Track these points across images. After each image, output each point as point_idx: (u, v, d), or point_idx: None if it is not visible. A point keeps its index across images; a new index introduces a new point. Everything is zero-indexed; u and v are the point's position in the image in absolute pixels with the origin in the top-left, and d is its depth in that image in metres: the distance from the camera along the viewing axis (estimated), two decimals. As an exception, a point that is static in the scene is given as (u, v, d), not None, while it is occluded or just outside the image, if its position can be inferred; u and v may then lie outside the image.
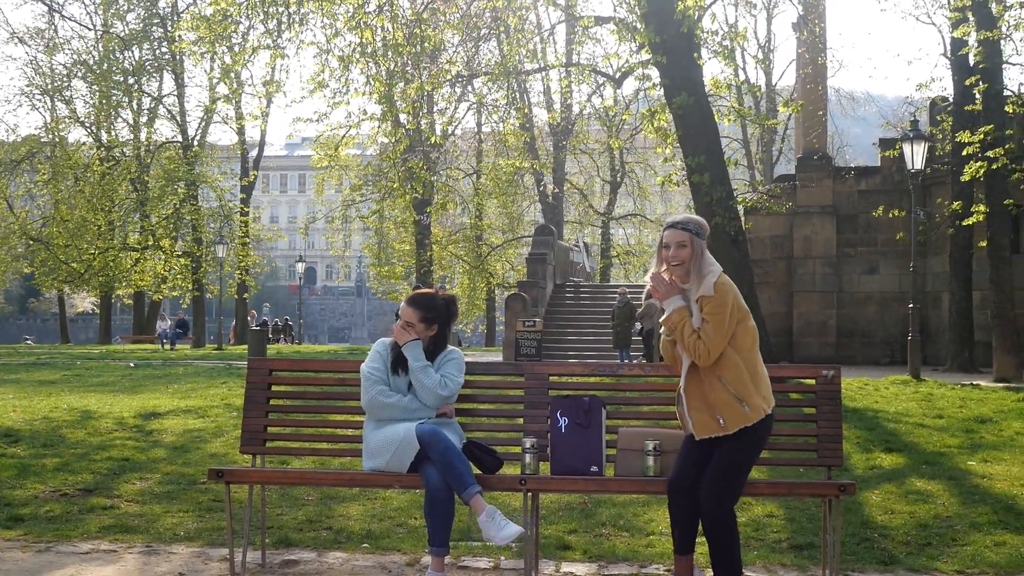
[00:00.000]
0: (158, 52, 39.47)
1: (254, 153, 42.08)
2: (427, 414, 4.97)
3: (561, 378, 5.68)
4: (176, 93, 40.31)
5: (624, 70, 17.89)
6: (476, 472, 4.86)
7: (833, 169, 25.72)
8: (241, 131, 40.05)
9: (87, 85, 39.87)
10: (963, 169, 17.61)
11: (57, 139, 40.03)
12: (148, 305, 43.85)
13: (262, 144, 42.97)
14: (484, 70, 22.40)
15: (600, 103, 27.79)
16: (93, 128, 40.54)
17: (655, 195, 45.75)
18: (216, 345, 35.04)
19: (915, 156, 18.11)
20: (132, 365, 20.23)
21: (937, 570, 5.32)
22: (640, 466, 4.86)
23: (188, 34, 21.65)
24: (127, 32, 39.45)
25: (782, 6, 44.44)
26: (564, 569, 5.29)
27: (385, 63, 18.01)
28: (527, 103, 37.16)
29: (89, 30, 41.83)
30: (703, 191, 14.57)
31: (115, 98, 38.80)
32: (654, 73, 15.33)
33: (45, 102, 41.45)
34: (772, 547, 5.73)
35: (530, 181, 41.40)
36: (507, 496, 6.37)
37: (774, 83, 43.91)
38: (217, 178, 40.34)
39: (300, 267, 51.45)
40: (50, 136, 40.13)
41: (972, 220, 18.51)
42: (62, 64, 40.37)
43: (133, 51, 39.66)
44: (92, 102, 39.97)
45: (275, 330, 44.10)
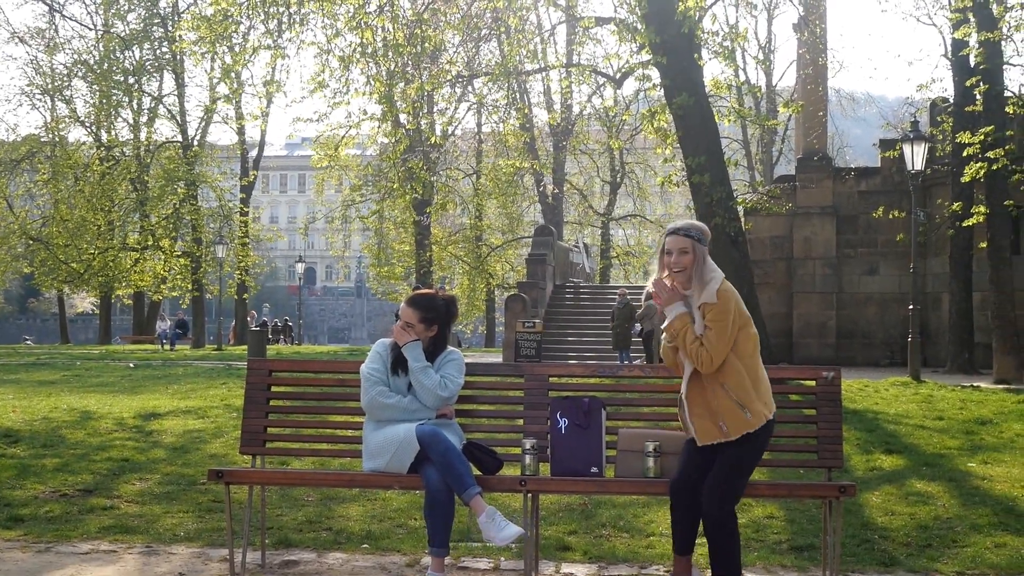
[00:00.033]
0: (158, 52, 39.44)
1: (254, 153, 42.03)
2: (427, 415, 4.97)
3: (561, 379, 5.67)
4: (176, 93, 40.29)
5: (624, 71, 17.86)
6: (476, 473, 4.86)
7: (833, 170, 25.71)
8: (241, 131, 40.03)
9: (87, 85, 39.84)
10: (963, 170, 17.60)
11: (57, 139, 39.98)
12: (148, 305, 43.77)
13: (262, 144, 42.93)
14: (484, 70, 22.42)
15: (600, 103, 27.71)
16: (93, 128, 40.48)
17: (655, 196, 45.74)
18: (216, 345, 34.99)
19: (915, 157, 18.09)
20: (132, 365, 20.21)
21: (937, 571, 5.32)
22: (640, 467, 4.86)
23: (188, 34, 21.63)
24: (127, 32, 39.44)
25: (783, 7, 44.39)
26: (564, 570, 5.30)
27: (385, 63, 18.02)
28: (527, 103, 37.16)
29: (90, 30, 41.89)
30: (703, 192, 14.56)
31: (115, 98, 38.76)
32: (654, 74, 15.31)
33: (45, 102, 41.44)
34: (772, 548, 5.73)
35: (530, 181, 41.39)
36: (507, 497, 6.37)
37: (774, 84, 43.95)
38: (217, 178, 40.28)
39: (300, 267, 51.35)
40: (50, 136, 40.08)
41: (972, 221, 18.50)
42: (62, 64, 40.41)
43: (133, 51, 39.64)
44: (92, 102, 39.93)
45: (275, 331, 44.04)
